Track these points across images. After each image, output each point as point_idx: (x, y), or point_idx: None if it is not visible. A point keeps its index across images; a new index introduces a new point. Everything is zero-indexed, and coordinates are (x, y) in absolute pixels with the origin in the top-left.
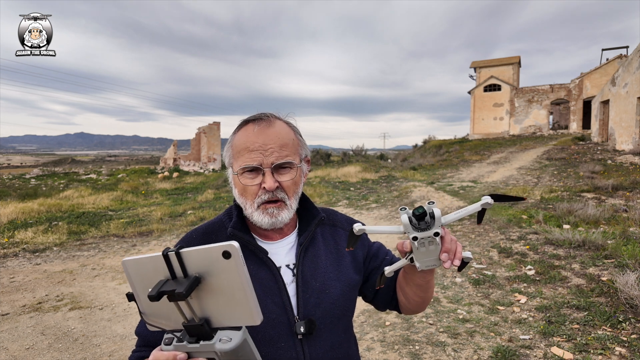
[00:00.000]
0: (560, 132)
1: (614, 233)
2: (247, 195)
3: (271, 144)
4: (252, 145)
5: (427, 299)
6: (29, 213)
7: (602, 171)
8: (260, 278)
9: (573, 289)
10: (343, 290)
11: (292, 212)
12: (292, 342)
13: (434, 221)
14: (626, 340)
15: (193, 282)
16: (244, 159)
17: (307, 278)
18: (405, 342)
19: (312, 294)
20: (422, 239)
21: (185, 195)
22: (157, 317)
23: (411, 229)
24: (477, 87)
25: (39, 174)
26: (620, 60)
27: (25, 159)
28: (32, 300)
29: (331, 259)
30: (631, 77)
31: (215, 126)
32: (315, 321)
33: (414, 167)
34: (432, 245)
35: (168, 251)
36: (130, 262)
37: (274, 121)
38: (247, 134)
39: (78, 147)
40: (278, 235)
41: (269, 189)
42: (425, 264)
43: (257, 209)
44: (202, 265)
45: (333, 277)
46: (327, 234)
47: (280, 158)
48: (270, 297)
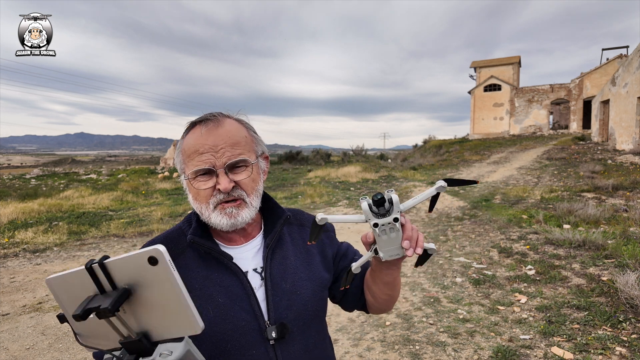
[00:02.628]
0: (560, 132)
1: (614, 233)
2: (201, 199)
3: (222, 143)
4: (201, 148)
5: (394, 296)
6: (29, 213)
7: (602, 171)
8: (226, 285)
9: (573, 289)
10: (314, 290)
11: (253, 211)
12: (264, 348)
13: (393, 207)
14: (626, 340)
15: (120, 296)
16: (195, 163)
17: (276, 280)
18: (406, 342)
19: (282, 297)
20: (382, 225)
21: (185, 195)
22: (92, 338)
23: (371, 215)
24: (477, 87)
25: (39, 174)
26: (620, 60)
27: (25, 159)
28: (33, 300)
29: (301, 259)
30: (631, 77)
31: None
32: (288, 325)
33: (414, 167)
34: (393, 233)
35: (92, 263)
36: (54, 280)
37: (223, 120)
38: (196, 137)
39: (78, 147)
40: (243, 239)
41: (225, 190)
42: (389, 253)
43: (214, 211)
44: (130, 275)
45: (304, 277)
46: (295, 233)
47: (233, 157)
48: (238, 304)
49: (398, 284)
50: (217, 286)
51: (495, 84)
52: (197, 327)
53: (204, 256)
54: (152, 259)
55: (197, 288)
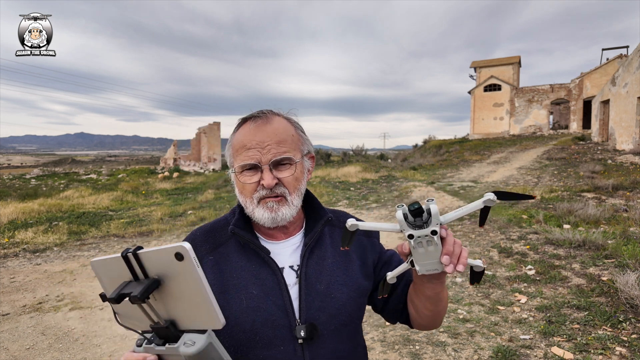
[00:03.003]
0: (560, 132)
1: (614, 233)
2: (246, 193)
3: (268, 140)
4: (249, 143)
5: (438, 313)
6: (29, 213)
7: (602, 171)
8: (262, 278)
9: (573, 289)
10: (350, 296)
11: (294, 209)
12: (292, 346)
13: (431, 218)
14: (626, 340)
15: (149, 285)
16: (242, 157)
17: (311, 280)
18: (406, 342)
19: (315, 297)
20: (418, 237)
21: (185, 196)
22: (129, 318)
23: (406, 226)
24: (477, 87)
25: (39, 174)
26: (620, 60)
27: (25, 159)
28: (33, 300)
29: (339, 262)
30: (631, 77)
31: (215, 126)
32: (317, 326)
33: (414, 167)
34: (431, 246)
35: (127, 252)
36: (97, 263)
37: (272, 117)
38: (245, 132)
39: (78, 147)
40: (283, 235)
41: (268, 186)
42: (426, 267)
43: (257, 205)
44: (160, 267)
45: (340, 281)
46: (337, 236)
47: (278, 154)
48: (270, 298)
49: (443, 300)
50: (252, 277)
51: (495, 84)
52: (217, 323)
53: (244, 247)
54: (178, 254)
55: (234, 277)
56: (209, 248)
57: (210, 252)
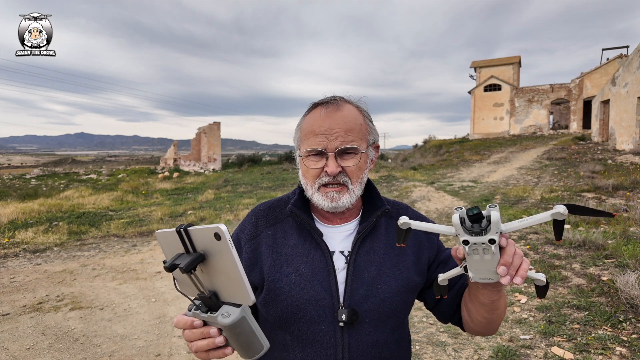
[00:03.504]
0: (560, 132)
1: (615, 233)
2: (309, 177)
3: (337, 128)
4: (318, 129)
5: (493, 321)
6: (29, 213)
7: (602, 171)
8: (312, 258)
9: (573, 289)
10: (397, 289)
11: (354, 198)
12: (332, 327)
13: (491, 226)
14: (627, 340)
15: (195, 259)
16: (309, 143)
17: (359, 268)
18: None
19: (361, 285)
20: (474, 244)
21: (185, 196)
22: (184, 285)
23: (462, 231)
24: (477, 87)
25: (39, 174)
26: (620, 60)
27: (25, 159)
28: (33, 300)
29: (391, 255)
30: (631, 77)
31: (216, 126)
32: (359, 312)
33: (414, 167)
34: (487, 255)
35: (179, 228)
36: (160, 234)
37: (343, 105)
38: (314, 118)
39: (78, 147)
40: (339, 220)
41: (331, 173)
42: (479, 275)
43: (317, 191)
44: (204, 243)
45: (389, 273)
46: (393, 228)
47: (344, 143)
48: (317, 279)
49: (499, 309)
50: (303, 257)
51: (496, 84)
52: (247, 300)
53: (300, 227)
54: (216, 234)
55: (287, 253)
56: (269, 223)
57: (269, 226)
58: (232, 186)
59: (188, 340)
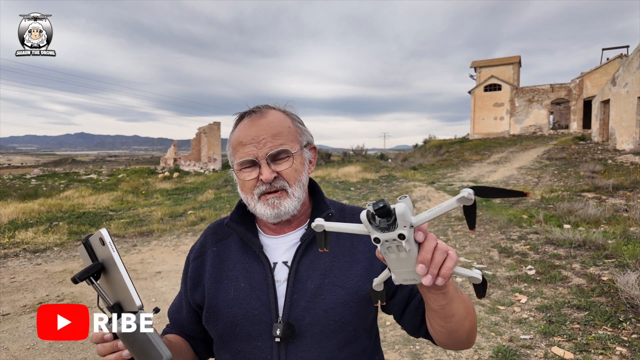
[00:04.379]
0: (560, 132)
1: (615, 233)
2: (246, 190)
3: (263, 134)
4: (244, 139)
5: (454, 331)
6: (29, 213)
7: (602, 171)
8: (252, 271)
9: (574, 289)
10: (344, 299)
11: (296, 201)
12: (269, 343)
13: (397, 220)
14: (627, 340)
15: (88, 269)
16: (239, 155)
17: (301, 278)
18: (406, 342)
19: (302, 297)
20: (386, 241)
21: (185, 196)
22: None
23: (371, 228)
24: (477, 86)
25: (39, 174)
26: (620, 59)
27: (25, 159)
28: (33, 300)
29: (340, 262)
30: (631, 77)
31: (216, 126)
32: (295, 326)
33: (414, 167)
34: (402, 252)
35: (85, 239)
36: (80, 248)
37: (267, 111)
38: (240, 129)
39: (78, 147)
40: (287, 229)
41: (266, 180)
42: (402, 276)
43: (258, 201)
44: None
45: (335, 282)
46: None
47: (274, 147)
48: (255, 293)
49: (454, 316)
50: (244, 271)
51: (496, 83)
52: (134, 305)
53: (243, 241)
54: (100, 239)
55: (229, 269)
56: (216, 240)
57: (215, 243)
58: (232, 186)
59: (100, 355)
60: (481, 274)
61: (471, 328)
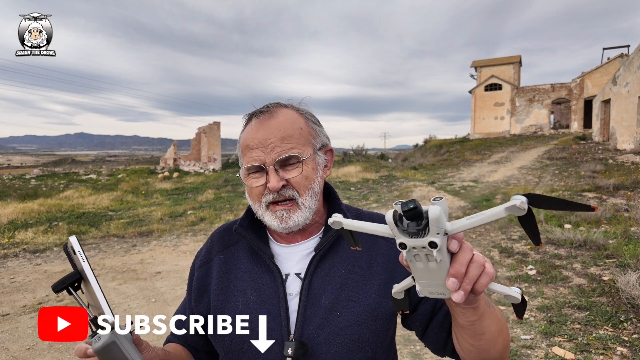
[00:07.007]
0: (561, 132)
1: (615, 233)
2: (254, 197)
3: (272, 137)
4: (252, 143)
5: (483, 350)
6: (29, 213)
7: (603, 170)
8: (262, 283)
9: (574, 289)
10: (361, 317)
11: (307, 212)
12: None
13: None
14: (627, 340)
15: (64, 279)
16: (247, 159)
17: (315, 292)
18: (406, 342)
19: (316, 312)
20: (413, 248)
21: (185, 196)
22: None
23: (397, 231)
24: (477, 86)
25: (39, 174)
26: (621, 59)
27: (25, 159)
28: (33, 300)
29: (356, 275)
30: (632, 77)
31: (215, 126)
32: (308, 346)
33: (415, 166)
34: (432, 262)
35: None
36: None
37: (277, 111)
38: (248, 131)
39: (78, 147)
40: (300, 237)
41: (273, 189)
42: (428, 289)
43: (266, 210)
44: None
45: (352, 297)
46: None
47: (283, 153)
48: (266, 307)
49: (485, 334)
50: (253, 282)
51: (496, 83)
52: (108, 316)
53: (253, 249)
54: (71, 247)
55: (238, 278)
56: (223, 246)
57: (222, 250)
58: (232, 186)
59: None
60: (520, 293)
61: (504, 347)
